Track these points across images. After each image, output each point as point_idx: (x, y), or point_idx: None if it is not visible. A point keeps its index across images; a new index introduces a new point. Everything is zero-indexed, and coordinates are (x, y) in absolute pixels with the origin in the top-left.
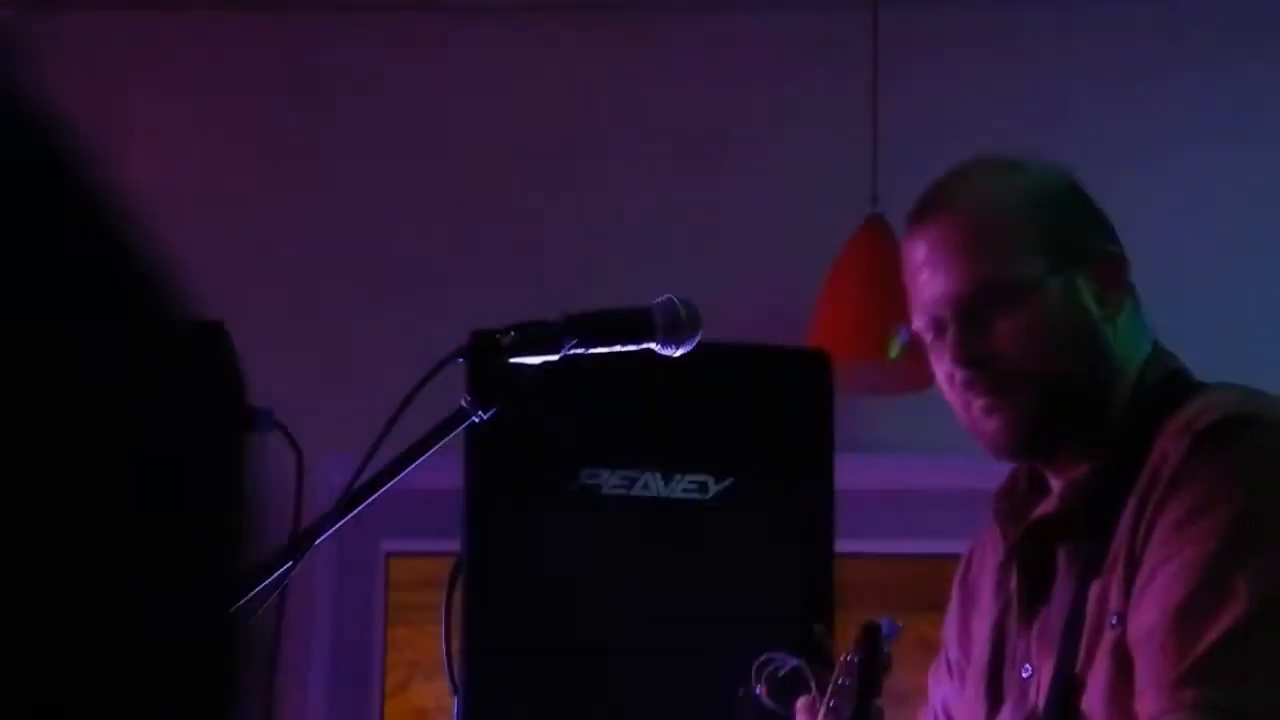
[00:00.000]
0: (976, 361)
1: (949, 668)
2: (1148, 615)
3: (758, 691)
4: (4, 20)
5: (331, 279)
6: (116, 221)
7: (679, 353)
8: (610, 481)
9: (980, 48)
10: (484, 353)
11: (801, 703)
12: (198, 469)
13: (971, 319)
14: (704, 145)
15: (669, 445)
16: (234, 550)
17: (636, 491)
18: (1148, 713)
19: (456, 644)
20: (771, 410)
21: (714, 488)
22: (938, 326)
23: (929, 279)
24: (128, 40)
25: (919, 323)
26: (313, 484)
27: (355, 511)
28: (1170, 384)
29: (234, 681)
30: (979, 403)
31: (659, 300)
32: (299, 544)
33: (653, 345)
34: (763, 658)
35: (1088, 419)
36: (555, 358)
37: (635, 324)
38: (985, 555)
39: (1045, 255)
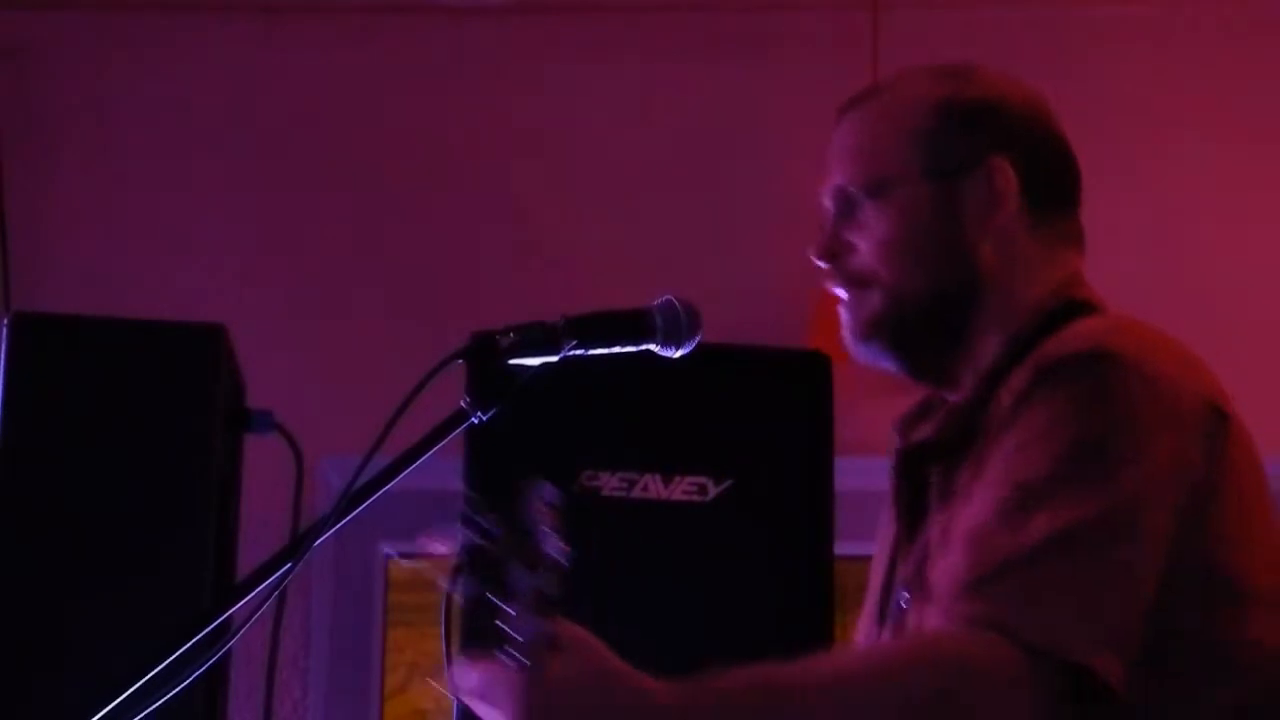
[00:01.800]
0: (828, 254)
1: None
2: (954, 541)
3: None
4: None
5: (331, 281)
6: None
7: (679, 354)
8: (610, 484)
9: (979, 49)
10: (483, 354)
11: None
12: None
13: (839, 214)
14: (704, 146)
15: (668, 447)
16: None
17: (636, 494)
18: (931, 625)
19: (456, 645)
20: (771, 412)
21: (713, 490)
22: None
23: (825, 177)
24: (131, 42)
25: None
26: (312, 485)
27: (354, 514)
28: (1062, 313)
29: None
30: (838, 296)
31: (659, 301)
32: (298, 545)
33: (652, 346)
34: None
35: (939, 334)
36: (555, 359)
37: (635, 325)
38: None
39: (924, 160)
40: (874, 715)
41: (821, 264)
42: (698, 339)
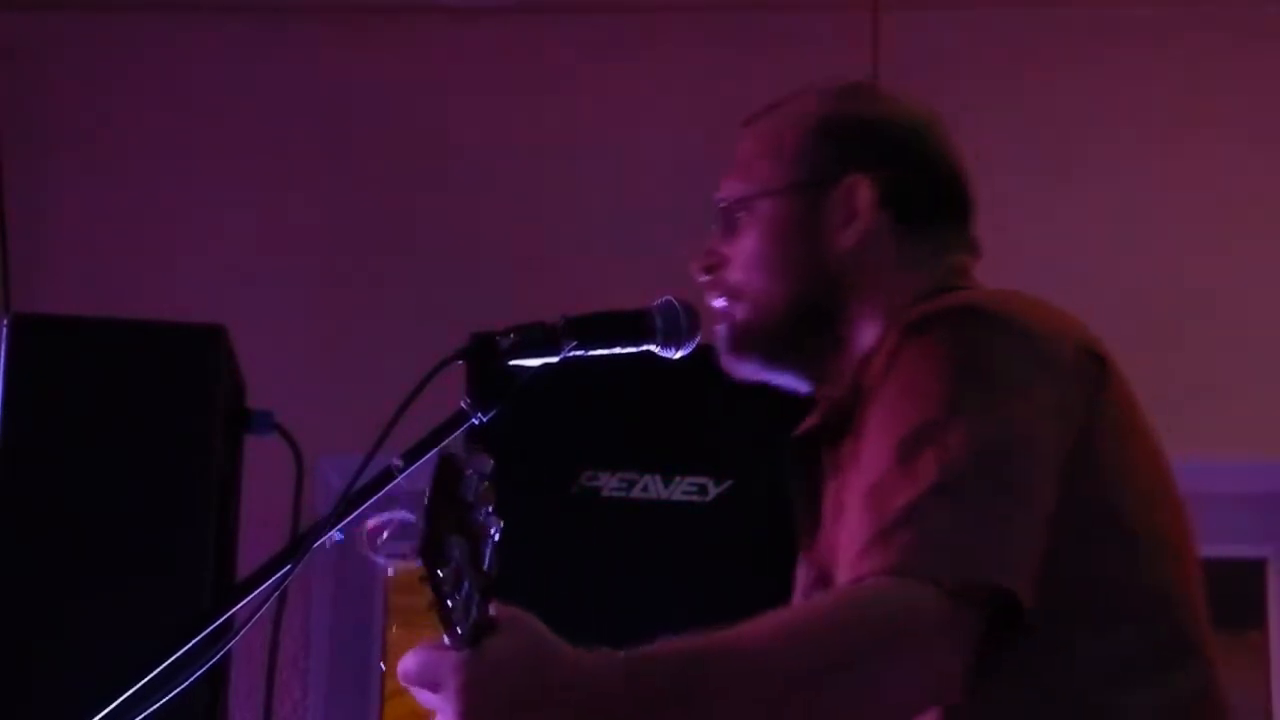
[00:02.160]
0: (706, 268)
1: None
2: (852, 501)
3: (373, 554)
4: None
5: (331, 283)
6: None
7: (679, 355)
8: (610, 484)
9: (979, 50)
10: (483, 355)
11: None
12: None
13: (720, 228)
14: (705, 146)
15: (669, 448)
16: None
17: (636, 494)
18: (838, 585)
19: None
20: (771, 413)
21: (714, 490)
22: None
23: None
24: (130, 43)
25: None
26: (312, 485)
27: (355, 514)
28: (933, 295)
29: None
30: (714, 307)
31: (659, 302)
32: (298, 546)
33: (652, 347)
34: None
35: (807, 344)
36: (555, 359)
37: (635, 326)
38: None
39: (789, 175)
40: (799, 677)
41: (701, 277)
42: (697, 340)
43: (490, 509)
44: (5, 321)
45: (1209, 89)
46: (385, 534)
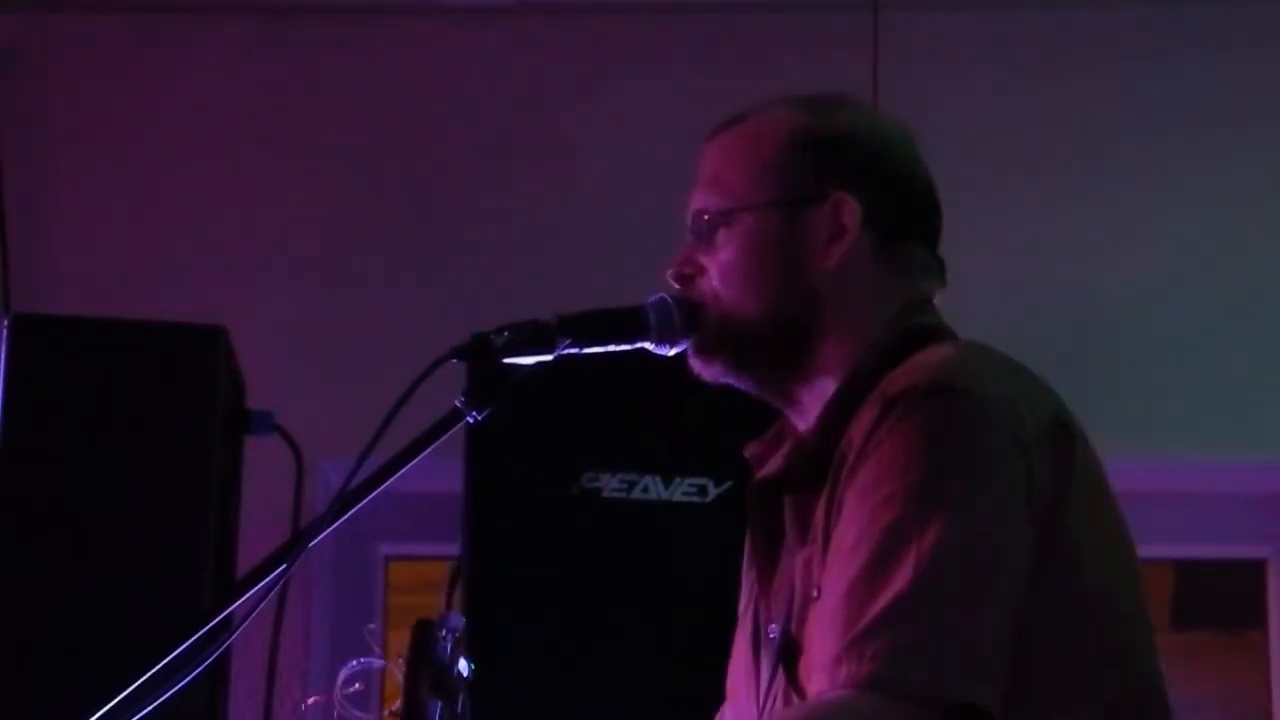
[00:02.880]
0: (681, 278)
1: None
2: (828, 596)
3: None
4: None
5: (331, 283)
6: None
7: (673, 352)
8: (610, 485)
9: (980, 52)
10: (477, 353)
11: None
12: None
13: (695, 237)
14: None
15: (669, 448)
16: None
17: (636, 495)
18: (813, 691)
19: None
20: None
21: (714, 491)
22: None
23: (689, 198)
24: (130, 43)
25: None
26: (312, 486)
27: (349, 514)
28: (902, 341)
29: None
30: None
31: (653, 299)
32: (293, 546)
33: (647, 344)
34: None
35: (779, 358)
36: (549, 357)
37: (629, 323)
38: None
39: (771, 190)
40: None
41: (674, 284)
42: (692, 337)
43: (462, 661)
44: (5, 321)
45: (1211, 89)
46: (355, 685)
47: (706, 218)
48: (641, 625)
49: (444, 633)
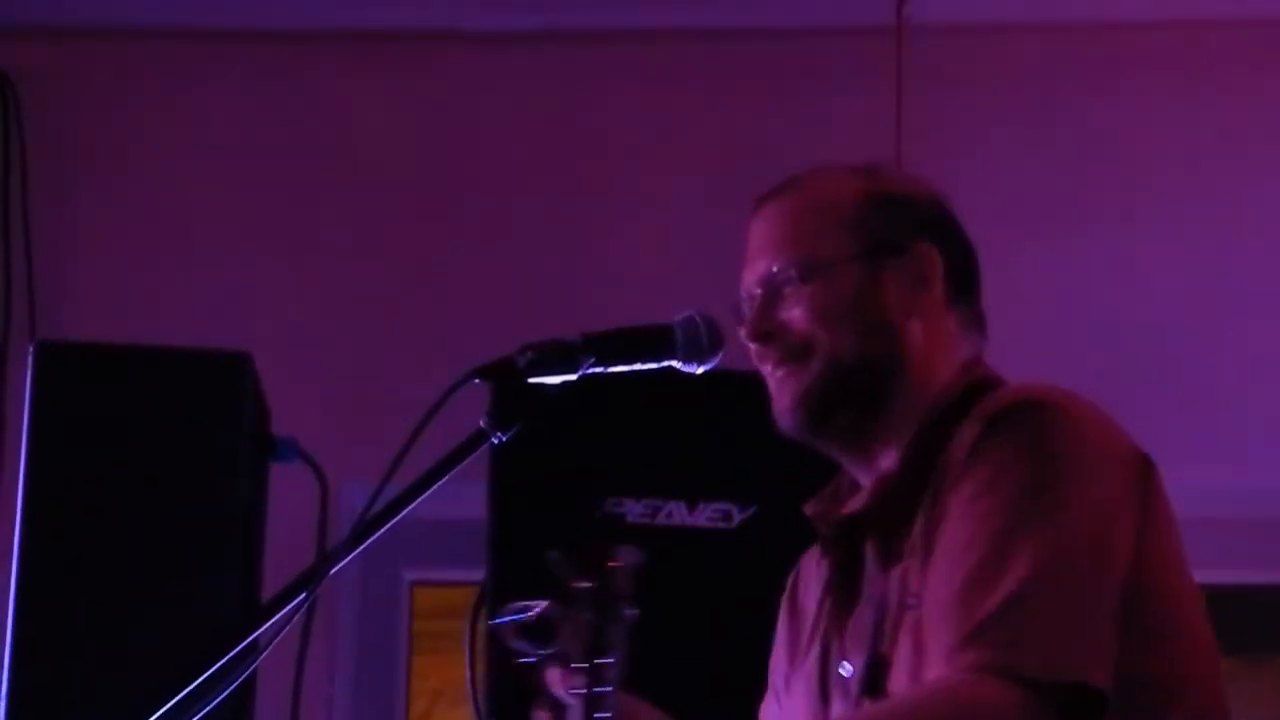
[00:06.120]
0: (763, 335)
1: (777, 693)
2: (938, 590)
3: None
4: None
5: (356, 309)
6: None
7: (700, 370)
8: (635, 510)
9: (1005, 75)
10: (500, 374)
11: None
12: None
13: (769, 295)
14: (729, 173)
15: (693, 474)
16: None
17: (661, 520)
18: (933, 675)
19: (481, 672)
20: (792, 445)
21: (738, 517)
22: (745, 309)
23: (750, 265)
24: (156, 71)
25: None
26: (336, 511)
27: (373, 538)
28: (973, 388)
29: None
30: (771, 376)
31: (680, 317)
32: (316, 571)
33: (674, 363)
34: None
35: (869, 403)
36: (573, 377)
37: (655, 341)
38: (811, 571)
39: (853, 243)
40: None
41: (755, 344)
42: (719, 355)
43: (631, 601)
44: (32, 349)
45: (1237, 112)
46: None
47: (786, 275)
48: (665, 651)
49: (623, 564)
